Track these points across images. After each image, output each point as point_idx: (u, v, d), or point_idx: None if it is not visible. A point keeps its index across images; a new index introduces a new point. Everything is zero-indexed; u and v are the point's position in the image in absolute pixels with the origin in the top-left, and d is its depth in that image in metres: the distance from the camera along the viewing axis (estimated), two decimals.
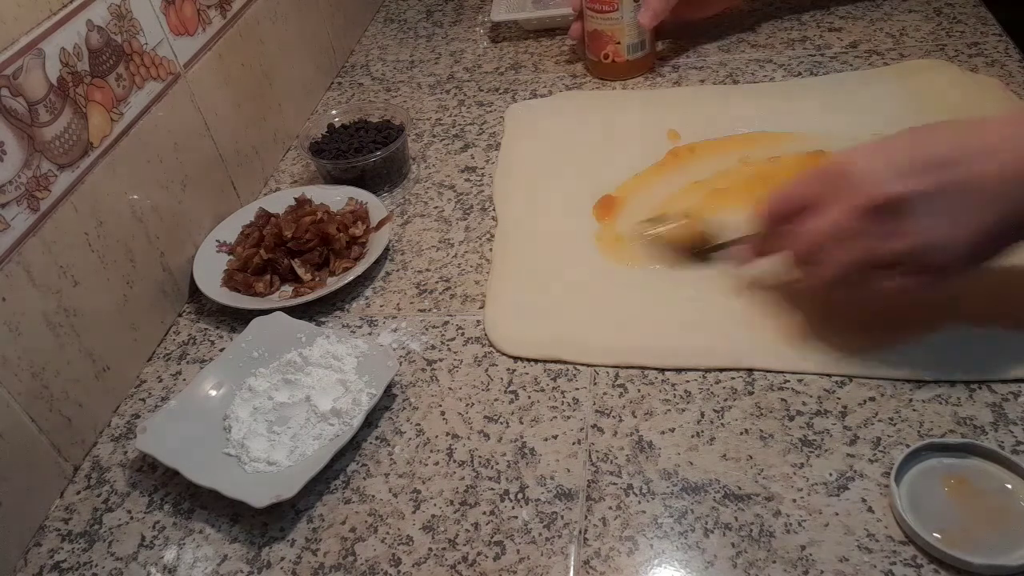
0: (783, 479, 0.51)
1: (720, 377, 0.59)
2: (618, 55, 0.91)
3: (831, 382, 0.57)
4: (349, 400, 0.58)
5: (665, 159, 0.79)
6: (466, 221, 0.78)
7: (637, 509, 0.51)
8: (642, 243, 0.69)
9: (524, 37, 1.07)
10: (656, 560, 0.49)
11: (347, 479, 0.56)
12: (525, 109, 0.92)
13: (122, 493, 0.59)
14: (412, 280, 0.72)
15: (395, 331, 0.67)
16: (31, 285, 0.56)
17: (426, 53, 1.08)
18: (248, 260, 0.72)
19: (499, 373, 0.62)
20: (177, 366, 0.68)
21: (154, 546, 0.55)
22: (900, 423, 0.53)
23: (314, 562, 0.52)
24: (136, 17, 0.68)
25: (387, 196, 0.83)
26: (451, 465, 0.56)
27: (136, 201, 0.67)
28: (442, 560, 0.51)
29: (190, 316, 0.73)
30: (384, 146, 0.81)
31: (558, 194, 0.77)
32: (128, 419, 0.64)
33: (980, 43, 0.87)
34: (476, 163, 0.85)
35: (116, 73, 0.65)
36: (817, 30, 0.95)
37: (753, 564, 0.47)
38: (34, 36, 0.57)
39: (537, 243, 0.72)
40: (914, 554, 0.47)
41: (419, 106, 0.97)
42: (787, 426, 0.55)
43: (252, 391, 0.60)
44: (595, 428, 0.57)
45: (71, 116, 0.60)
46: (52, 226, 0.58)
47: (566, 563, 0.49)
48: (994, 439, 0.51)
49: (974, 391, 0.55)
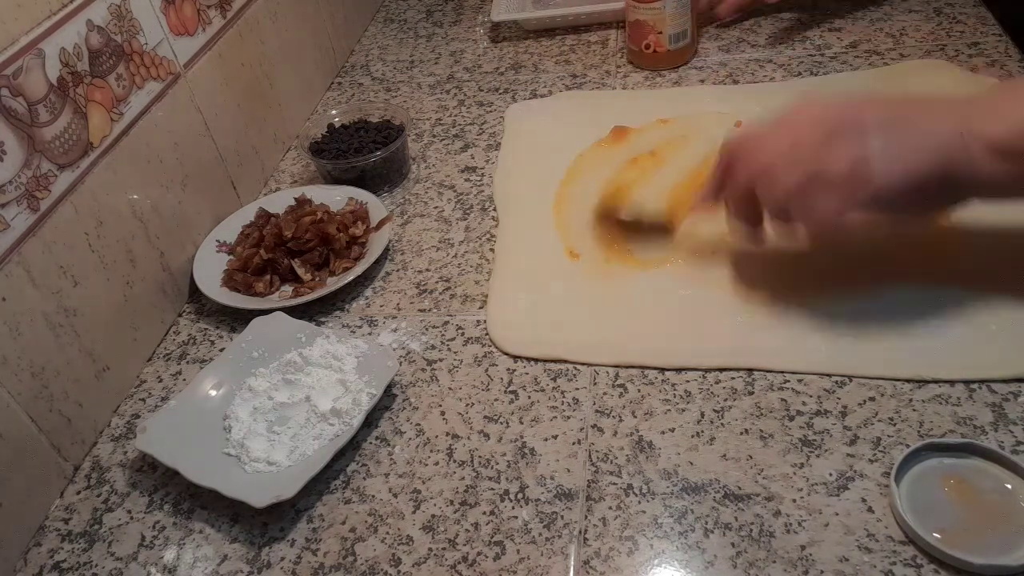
0: (783, 479, 0.51)
1: (720, 377, 0.59)
2: (660, 45, 0.91)
3: (831, 382, 0.57)
4: (349, 400, 0.58)
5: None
6: (466, 221, 0.78)
7: (637, 509, 0.51)
8: (605, 223, 0.72)
9: (524, 37, 1.07)
10: (656, 560, 0.49)
11: (347, 479, 0.56)
12: (525, 109, 0.92)
13: (122, 493, 0.59)
14: (412, 280, 0.72)
15: (395, 331, 0.67)
16: (31, 285, 0.56)
17: (426, 53, 1.08)
18: (248, 260, 0.72)
19: (499, 373, 0.62)
20: (177, 366, 0.68)
21: (154, 546, 0.55)
22: (900, 423, 0.53)
23: (314, 562, 0.52)
24: (136, 17, 0.68)
25: (387, 196, 0.83)
26: (451, 465, 0.56)
27: (136, 201, 0.67)
28: (442, 560, 0.51)
29: (190, 316, 0.73)
30: (384, 146, 0.81)
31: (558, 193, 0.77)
32: (128, 419, 0.64)
33: (980, 43, 0.87)
34: (476, 163, 0.85)
35: (116, 73, 0.65)
36: (817, 30, 0.95)
37: (753, 564, 0.47)
38: (34, 36, 0.57)
39: (538, 242, 0.72)
40: (914, 554, 0.47)
41: (419, 106, 0.97)
42: (787, 426, 0.55)
43: (252, 391, 0.60)
44: (595, 428, 0.57)
45: (71, 116, 0.60)
46: (52, 226, 0.58)
47: (566, 563, 0.49)
48: (994, 439, 0.51)
49: (974, 391, 0.55)
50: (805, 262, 0.64)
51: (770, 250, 0.65)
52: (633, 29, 0.93)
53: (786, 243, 0.58)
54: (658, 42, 0.91)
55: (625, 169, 0.78)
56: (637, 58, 0.95)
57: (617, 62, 0.97)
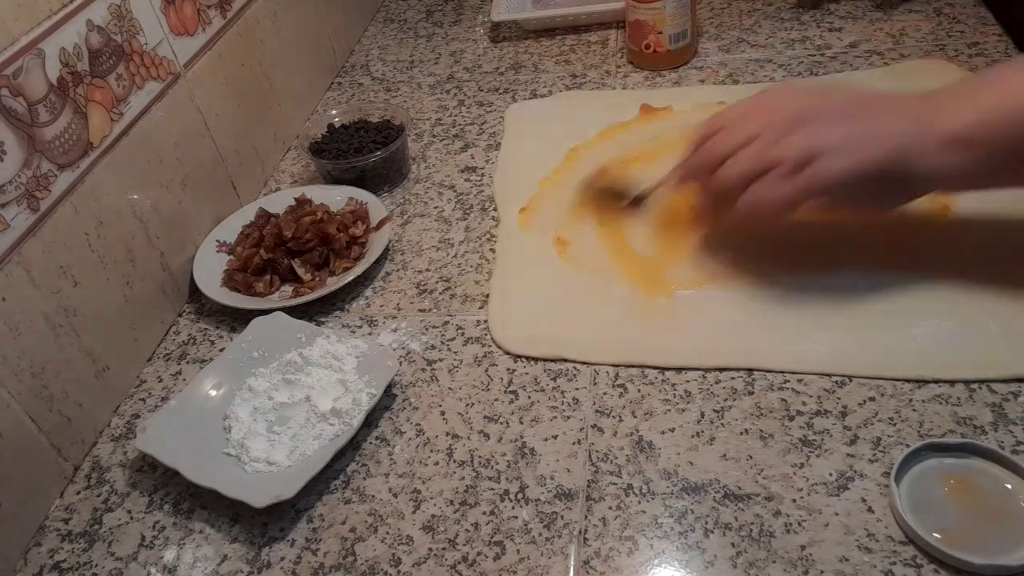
0: (783, 479, 0.51)
1: (720, 377, 0.59)
2: (660, 45, 0.91)
3: (831, 382, 0.57)
4: (349, 400, 0.58)
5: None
6: (466, 221, 0.78)
7: (637, 509, 0.51)
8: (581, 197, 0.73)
9: (524, 37, 1.07)
10: (656, 560, 0.49)
11: (347, 479, 0.56)
12: (525, 109, 0.92)
13: (122, 493, 0.59)
14: (412, 280, 0.72)
15: (395, 331, 0.67)
16: (31, 285, 0.56)
17: (426, 53, 1.08)
18: (248, 260, 0.72)
19: (499, 373, 0.62)
20: (177, 366, 0.68)
21: (154, 546, 0.55)
22: (900, 423, 0.53)
23: (314, 562, 0.52)
24: (136, 17, 0.68)
25: (387, 196, 0.82)
26: (451, 465, 0.56)
27: (136, 201, 0.67)
28: (442, 560, 0.51)
29: (190, 316, 0.73)
30: (384, 146, 0.81)
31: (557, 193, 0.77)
32: (128, 419, 0.64)
33: (980, 43, 0.87)
34: (476, 163, 0.85)
35: (116, 73, 0.65)
36: (817, 30, 0.95)
37: (753, 564, 0.47)
38: (34, 36, 0.57)
39: (538, 242, 0.72)
40: (914, 554, 0.47)
41: (419, 106, 0.97)
42: (787, 426, 0.55)
43: (252, 391, 0.60)
44: (595, 428, 0.57)
45: (71, 116, 0.60)
46: (52, 226, 0.58)
47: (566, 563, 0.49)
48: (994, 439, 0.51)
49: (974, 391, 0.55)
50: (805, 262, 0.64)
51: (770, 249, 0.66)
52: (633, 29, 0.93)
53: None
54: (658, 42, 0.91)
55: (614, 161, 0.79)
56: (637, 58, 0.95)
57: (617, 62, 0.97)
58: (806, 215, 0.55)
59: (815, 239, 0.66)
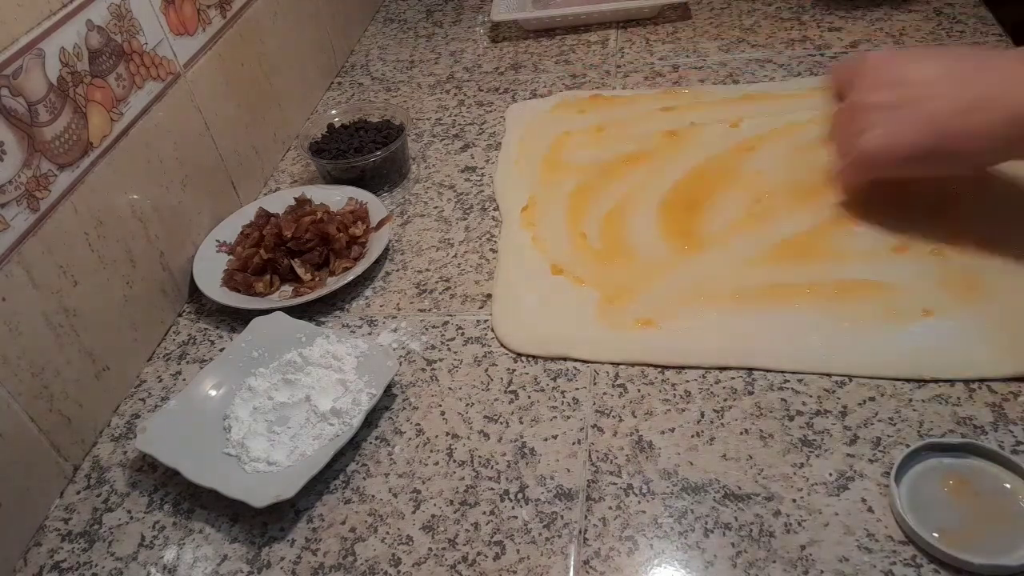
0: (783, 479, 0.51)
1: (720, 377, 0.59)
2: None
3: (831, 382, 0.57)
4: (349, 400, 0.58)
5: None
6: (466, 221, 0.78)
7: (637, 509, 0.51)
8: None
9: (524, 37, 1.07)
10: (656, 560, 0.49)
11: (347, 479, 0.56)
12: (525, 109, 0.92)
13: (122, 493, 0.59)
14: (412, 280, 0.72)
15: (395, 331, 0.67)
16: (31, 285, 0.56)
17: (426, 53, 1.08)
18: (248, 260, 0.72)
19: (499, 373, 0.62)
20: (177, 366, 0.68)
21: (154, 546, 0.55)
22: (900, 423, 0.53)
23: (314, 562, 0.52)
24: (136, 17, 0.68)
25: (387, 196, 0.82)
26: (451, 465, 0.56)
27: (136, 201, 0.67)
28: (442, 560, 0.51)
29: (190, 316, 0.73)
30: (384, 146, 0.81)
31: (558, 193, 0.77)
32: (128, 419, 0.64)
33: (980, 43, 0.87)
34: (476, 163, 0.85)
35: (116, 73, 0.65)
36: (817, 30, 0.95)
37: (753, 564, 0.47)
38: (34, 36, 0.57)
39: (539, 241, 0.72)
40: (914, 554, 0.47)
41: (419, 106, 0.97)
42: (787, 426, 0.55)
43: (252, 391, 0.60)
44: (595, 428, 0.57)
45: (71, 116, 0.60)
46: (52, 226, 0.58)
47: (566, 563, 0.49)
48: (994, 439, 0.51)
49: (974, 391, 0.55)
50: (805, 262, 0.64)
51: (770, 250, 0.66)
52: None
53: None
54: None
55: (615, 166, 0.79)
56: None
57: (617, 62, 0.97)
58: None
59: (815, 239, 0.66)
